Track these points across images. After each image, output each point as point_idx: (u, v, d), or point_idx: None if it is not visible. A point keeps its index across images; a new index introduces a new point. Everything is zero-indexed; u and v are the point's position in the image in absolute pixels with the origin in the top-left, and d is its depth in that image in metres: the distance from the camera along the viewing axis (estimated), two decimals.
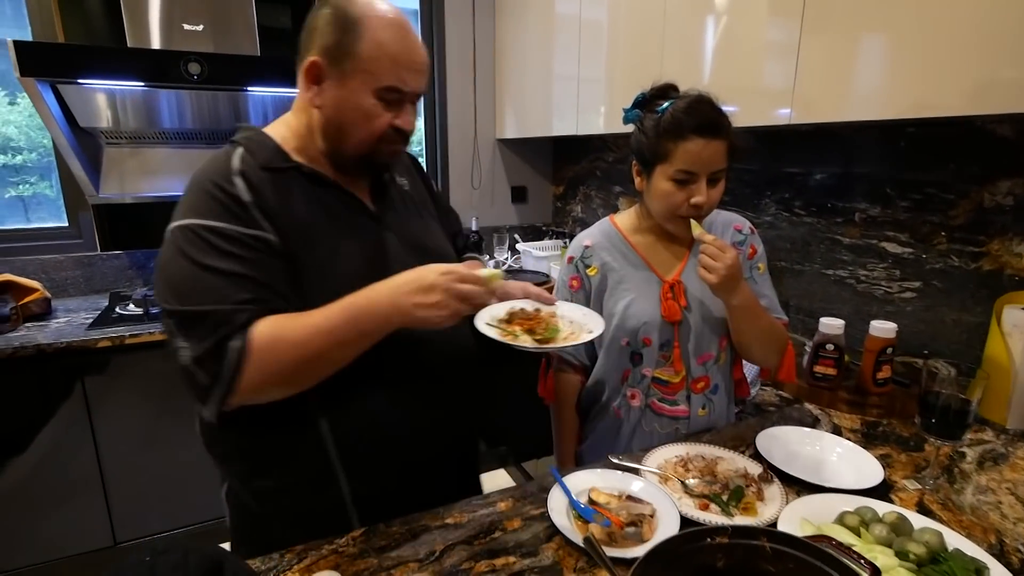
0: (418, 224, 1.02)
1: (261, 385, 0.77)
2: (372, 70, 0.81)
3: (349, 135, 0.86)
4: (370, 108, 0.83)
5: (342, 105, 0.84)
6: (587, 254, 1.19)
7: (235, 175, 0.81)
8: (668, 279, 1.14)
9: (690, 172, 1.02)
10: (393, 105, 0.85)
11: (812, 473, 0.96)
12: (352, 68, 0.82)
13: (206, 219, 0.78)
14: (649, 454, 1.02)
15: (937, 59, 1.08)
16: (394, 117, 0.85)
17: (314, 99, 0.85)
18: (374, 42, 0.81)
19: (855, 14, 1.21)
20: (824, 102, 1.30)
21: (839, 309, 1.65)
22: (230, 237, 0.77)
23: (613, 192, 2.62)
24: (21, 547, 1.80)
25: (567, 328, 0.95)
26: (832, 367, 1.31)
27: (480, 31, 2.74)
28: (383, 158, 0.90)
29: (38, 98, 1.60)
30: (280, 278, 0.81)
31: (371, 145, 0.86)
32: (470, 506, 0.90)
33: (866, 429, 1.19)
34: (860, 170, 1.57)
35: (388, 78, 0.82)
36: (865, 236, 1.57)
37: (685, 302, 1.13)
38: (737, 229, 1.18)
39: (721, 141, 1.01)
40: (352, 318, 0.78)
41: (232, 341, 0.74)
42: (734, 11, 1.51)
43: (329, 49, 0.82)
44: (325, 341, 0.78)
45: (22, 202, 2.29)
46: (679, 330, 1.13)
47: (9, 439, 1.72)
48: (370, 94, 0.83)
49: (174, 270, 0.77)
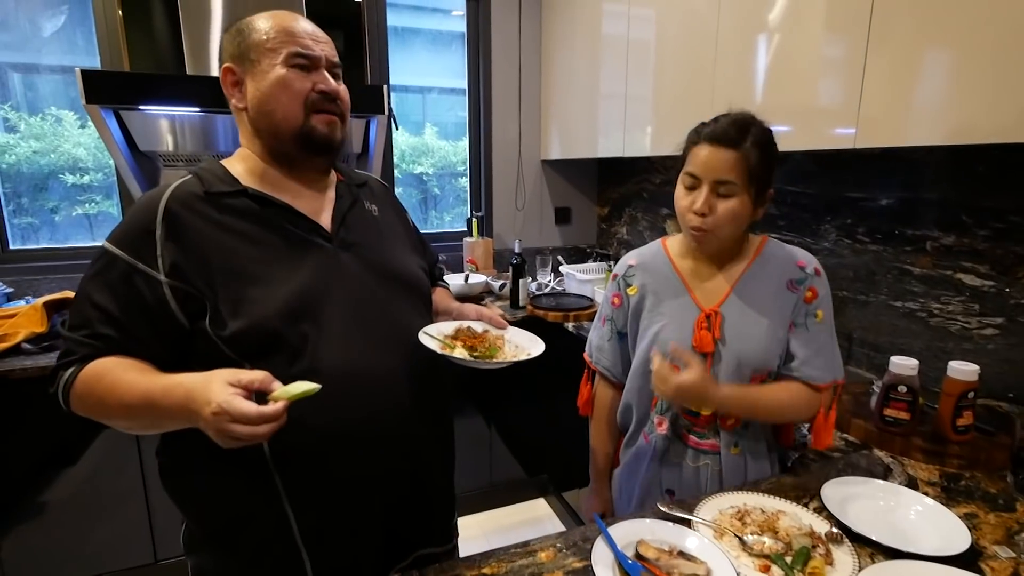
0: (387, 248, 1.00)
1: (85, 412, 0.82)
2: (273, 47, 0.86)
3: (276, 110, 0.87)
4: (285, 75, 0.86)
5: (261, 88, 0.87)
6: (630, 273, 1.18)
7: (160, 206, 0.83)
8: (707, 308, 1.08)
9: (695, 176, 1.01)
10: (308, 71, 0.88)
11: (888, 534, 0.86)
12: (256, 56, 0.86)
13: (115, 245, 0.82)
14: (702, 503, 0.95)
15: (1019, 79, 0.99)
16: (314, 82, 0.88)
17: (238, 103, 0.89)
18: (267, 26, 0.87)
19: (925, 28, 1.13)
20: (890, 123, 1.22)
21: (909, 344, 1.52)
22: (122, 269, 0.80)
23: (660, 214, 2.54)
24: (66, 561, 1.83)
25: (510, 351, 1.01)
26: (905, 411, 1.20)
27: (526, 53, 2.74)
28: (322, 128, 0.89)
29: (101, 124, 1.67)
30: (146, 325, 0.81)
31: (300, 114, 0.87)
32: (508, 555, 0.85)
33: (946, 482, 1.07)
34: (931, 195, 1.45)
35: (291, 45, 0.86)
36: (938, 266, 1.45)
37: (719, 334, 1.07)
38: (799, 266, 1.09)
39: (731, 152, 0.98)
40: (150, 401, 0.75)
41: (66, 371, 0.81)
42: (789, 27, 1.44)
43: (233, 54, 0.88)
44: (122, 411, 0.79)
45: (88, 220, 2.40)
46: (711, 361, 1.07)
47: (60, 453, 1.77)
48: (281, 65, 0.86)
49: (80, 281, 0.84)
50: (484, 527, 2.38)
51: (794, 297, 1.07)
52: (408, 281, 1.00)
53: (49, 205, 2.31)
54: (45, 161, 2.25)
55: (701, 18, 1.72)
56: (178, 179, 0.87)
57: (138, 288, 0.80)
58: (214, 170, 0.89)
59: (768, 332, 1.06)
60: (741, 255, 1.11)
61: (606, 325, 1.22)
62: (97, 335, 0.80)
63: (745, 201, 1.01)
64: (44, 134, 2.24)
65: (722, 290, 1.10)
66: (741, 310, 1.07)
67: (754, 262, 1.10)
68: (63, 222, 2.34)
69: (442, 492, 1.07)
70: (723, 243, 1.07)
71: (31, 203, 2.28)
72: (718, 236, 1.04)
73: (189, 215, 0.83)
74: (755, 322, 1.06)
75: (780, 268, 1.09)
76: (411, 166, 2.86)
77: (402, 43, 2.70)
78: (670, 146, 1.91)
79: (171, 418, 0.75)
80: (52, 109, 2.23)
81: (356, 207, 0.99)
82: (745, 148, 0.98)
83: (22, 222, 2.29)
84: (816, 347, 1.07)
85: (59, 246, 2.31)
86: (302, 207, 0.91)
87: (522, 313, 2.27)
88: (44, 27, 2.14)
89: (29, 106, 2.21)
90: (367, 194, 1.05)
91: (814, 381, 1.06)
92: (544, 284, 2.67)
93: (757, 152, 0.99)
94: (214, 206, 0.85)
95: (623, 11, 2.11)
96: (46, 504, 1.78)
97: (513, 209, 2.88)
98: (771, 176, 1.04)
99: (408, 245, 1.08)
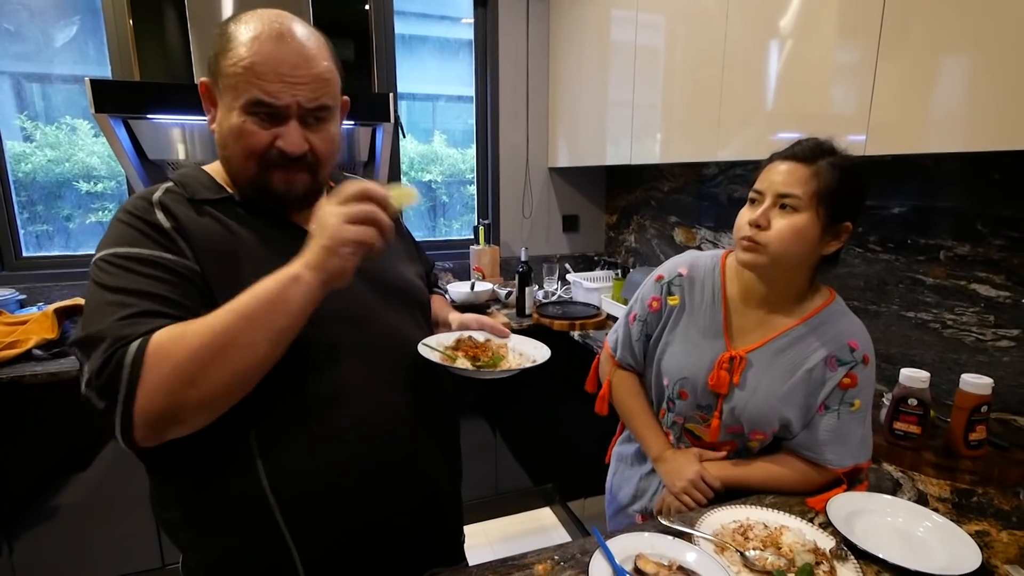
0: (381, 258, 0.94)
1: (167, 393, 0.64)
2: (235, 84, 0.74)
3: (230, 158, 0.79)
4: (240, 126, 0.75)
5: (221, 125, 0.78)
6: (677, 282, 1.10)
7: (155, 206, 0.76)
8: (734, 350, 1.02)
9: (759, 191, 0.96)
10: (269, 121, 0.76)
11: (895, 551, 0.84)
12: (224, 85, 0.76)
13: (121, 247, 0.72)
14: (704, 517, 0.93)
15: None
16: (274, 137, 0.76)
17: (211, 122, 0.81)
18: (237, 56, 0.74)
19: (937, 34, 1.11)
20: (902, 130, 1.19)
21: (921, 355, 1.49)
22: (146, 260, 0.71)
23: (668, 222, 2.52)
24: (75, 564, 1.85)
25: (515, 359, 0.97)
26: (915, 424, 1.17)
27: (534, 60, 2.74)
28: (279, 186, 0.79)
29: (111, 132, 1.70)
30: (198, 299, 0.72)
31: (254, 169, 0.78)
32: (505, 567, 0.83)
33: (957, 498, 1.04)
34: (945, 204, 1.43)
35: (251, 90, 0.74)
36: (952, 276, 1.41)
37: (739, 380, 1.02)
38: (850, 346, 0.98)
39: (801, 166, 0.92)
40: (256, 289, 0.68)
41: (127, 348, 0.64)
42: (800, 33, 1.42)
43: (211, 69, 0.78)
44: (232, 318, 0.66)
45: (101, 227, 2.44)
46: (723, 402, 1.04)
47: (70, 458, 1.79)
48: (238, 111, 0.75)
49: (87, 301, 0.71)
50: (489, 536, 2.36)
51: (829, 376, 0.99)
52: (406, 292, 0.96)
53: (64, 213, 2.35)
54: (60, 169, 2.29)
55: (711, 24, 1.71)
56: (152, 188, 0.80)
57: (176, 272, 0.72)
58: (197, 176, 0.82)
59: (784, 400, 1.00)
60: (798, 307, 1.02)
61: (636, 325, 1.14)
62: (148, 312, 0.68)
63: (810, 221, 0.91)
64: (59, 143, 2.28)
65: (760, 335, 1.02)
66: (769, 365, 1.01)
67: (808, 320, 1.00)
68: (77, 229, 2.38)
69: (450, 513, 1.00)
70: (776, 274, 0.98)
71: (46, 211, 2.32)
72: (771, 255, 0.93)
73: (183, 215, 0.77)
74: (777, 384, 1.00)
75: (830, 339, 0.99)
76: (420, 174, 2.87)
77: (410, 51, 2.71)
78: (679, 153, 1.92)
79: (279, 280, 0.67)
80: (67, 118, 2.27)
81: None
82: (819, 165, 0.91)
83: (38, 229, 2.32)
84: (843, 434, 1.00)
85: (71, 253, 2.34)
86: (292, 215, 0.85)
87: (528, 321, 2.26)
88: (56, 37, 2.17)
89: (44, 116, 2.25)
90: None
91: (830, 465, 1.01)
92: (551, 292, 2.66)
93: (834, 173, 0.90)
94: (200, 211, 0.78)
95: (631, 17, 2.10)
96: (57, 508, 1.79)
97: (520, 217, 2.87)
98: (852, 206, 0.94)
99: (405, 253, 1.04)
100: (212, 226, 0.78)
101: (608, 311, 2.31)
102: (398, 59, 2.60)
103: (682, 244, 2.43)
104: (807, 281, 1.02)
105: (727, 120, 1.67)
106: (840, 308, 1.03)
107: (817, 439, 1.01)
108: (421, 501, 0.90)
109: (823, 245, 0.95)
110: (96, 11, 2.14)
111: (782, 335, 1.01)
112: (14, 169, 2.22)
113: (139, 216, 0.75)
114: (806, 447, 1.02)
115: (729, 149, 1.67)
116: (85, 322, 0.69)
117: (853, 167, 0.94)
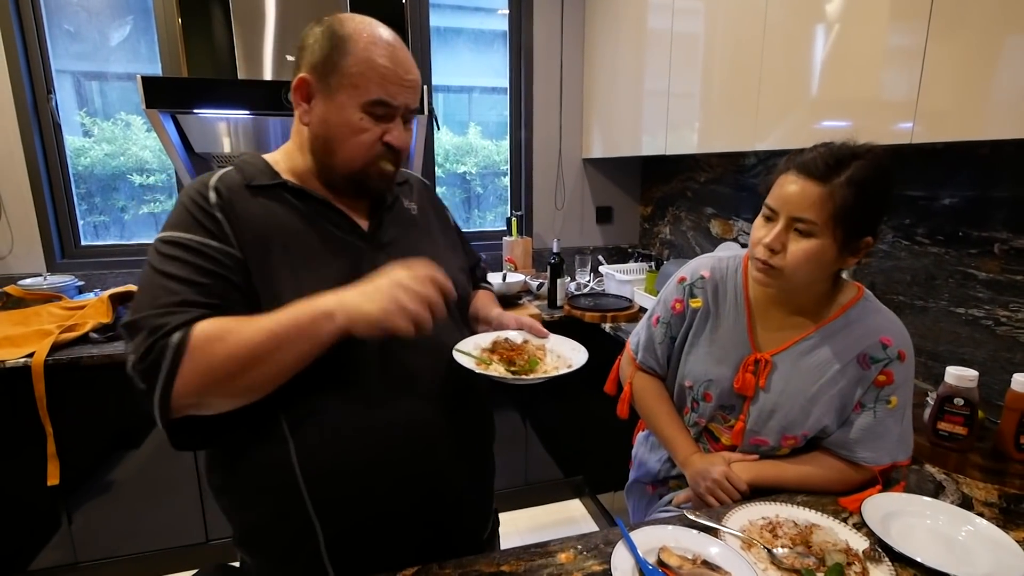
0: (424, 249, 0.95)
1: (199, 386, 0.71)
2: (358, 84, 0.81)
3: (336, 151, 0.84)
4: (357, 123, 0.82)
5: (330, 120, 0.83)
6: (700, 284, 1.08)
7: (210, 189, 0.82)
8: (759, 353, 1.00)
9: (772, 209, 0.92)
10: (382, 120, 0.84)
11: (933, 555, 0.81)
12: (338, 83, 0.81)
13: (176, 231, 0.78)
14: (731, 512, 0.91)
15: None
16: (384, 132, 0.84)
17: (303, 116, 0.85)
18: (361, 57, 0.81)
19: (996, 13, 1.04)
20: (957, 116, 1.12)
21: (972, 353, 1.42)
22: (192, 248, 0.77)
23: (704, 214, 2.47)
24: (127, 536, 1.97)
25: (552, 361, 0.93)
26: (961, 425, 1.12)
27: (568, 50, 2.72)
28: (374, 180, 0.87)
29: (160, 127, 1.78)
30: (235, 296, 0.78)
31: (360, 162, 0.85)
32: (528, 554, 0.84)
33: (1006, 504, 0.99)
34: (1000, 194, 1.35)
35: (375, 91, 0.81)
36: (1007, 271, 1.34)
37: (764, 383, 0.99)
38: (883, 343, 0.95)
39: (816, 186, 0.86)
40: (294, 312, 0.73)
41: (169, 338, 0.70)
42: (848, 16, 1.36)
43: (317, 66, 0.82)
44: (265, 337, 0.71)
45: (153, 218, 2.56)
46: (749, 406, 1.01)
47: (124, 434, 1.89)
48: (357, 108, 0.82)
49: (139, 283, 0.78)
50: (519, 525, 2.38)
51: (863, 375, 0.96)
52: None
53: (119, 204, 2.47)
54: (115, 163, 2.41)
55: (751, 9, 1.66)
56: (218, 170, 0.86)
57: (219, 261, 0.78)
58: (255, 163, 0.88)
59: (814, 401, 0.97)
60: (823, 307, 0.99)
61: (659, 327, 1.13)
62: (191, 303, 0.74)
63: (827, 246, 0.88)
64: (115, 138, 2.40)
65: (785, 337, 1.00)
66: (795, 367, 0.99)
67: (834, 320, 0.98)
68: (131, 220, 2.50)
69: (476, 505, 1.01)
70: (795, 288, 0.95)
71: (103, 202, 2.45)
72: (787, 278, 0.92)
73: (236, 200, 0.82)
74: (805, 386, 0.98)
75: (860, 336, 0.96)
76: (455, 166, 2.89)
77: (444, 43, 2.73)
78: (717, 143, 1.88)
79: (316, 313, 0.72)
80: (122, 114, 2.38)
81: (395, 206, 0.97)
82: (834, 184, 0.86)
83: (95, 220, 2.45)
84: (879, 432, 0.97)
85: (125, 242, 2.47)
86: (340, 204, 0.89)
87: (559, 313, 2.26)
88: (111, 37, 2.29)
89: (102, 112, 2.37)
90: (407, 192, 1.03)
91: (866, 463, 0.98)
92: (583, 284, 2.64)
93: (851, 191, 0.85)
94: (254, 197, 0.84)
95: (669, 4, 2.05)
96: (111, 483, 1.91)
97: (552, 208, 2.87)
98: (871, 222, 0.90)
99: (447, 246, 1.05)
100: (259, 211, 0.83)
101: (641, 303, 2.29)
102: (433, 51, 2.62)
103: (719, 236, 2.38)
104: (830, 284, 0.99)
105: (768, 108, 1.61)
106: (870, 304, 0.99)
107: (852, 437, 0.98)
108: (446, 492, 0.92)
109: (841, 262, 0.92)
110: (148, 11, 2.23)
111: (807, 337, 0.99)
112: (75, 163, 2.35)
113: (195, 200, 0.81)
114: (841, 445, 1.00)
115: (770, 139, 1.62)
116: (134, 303, 0.76)
117: (872, 179, 0.87)
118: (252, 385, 0.74)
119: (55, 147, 2.25)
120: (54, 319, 1.87)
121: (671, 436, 1.12)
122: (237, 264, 0.79)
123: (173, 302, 0.73)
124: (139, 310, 0.74)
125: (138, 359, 0.71)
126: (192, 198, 0.81)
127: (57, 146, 2.26)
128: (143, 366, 0.70)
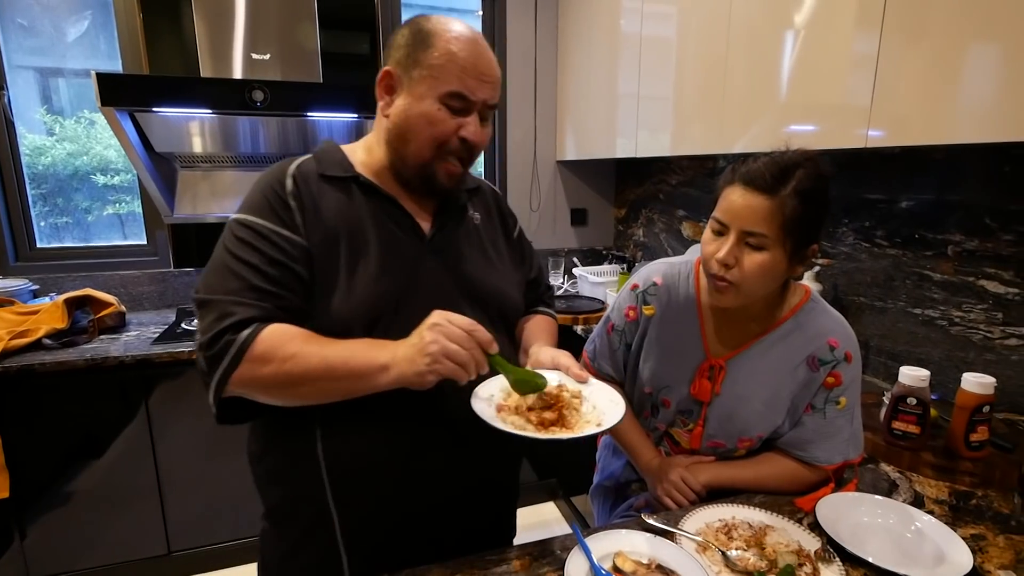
0: (479, 260, 0.96)
1: (250, 387, 0.78)
2: (438, 75, 0.82)
3: (410, 141, 0.85)
4: (434, 113, 0.83)
5: (408, 110, 0.84)
6: (652, 291, 1.08)
7: (288, 176, 0.85)
8: (714, 358, 1.01)
9: (722, 223, 0.91)
10: (459, 114, 0.85)
11: (883, 554, 0.82)
12: (420, 75, 0.83)
13: (251, 215, 0.82)
14: (688, 515, 0.92)
15: None
16: (459, 127, 0.85)
17: (384, 108, 0.88)
18: (443, 50, 0.82)
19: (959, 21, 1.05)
20: (921, 121, 1.13)
21: (928, 352, 1.45)
22: (264, 235, 0.81)
23: (676, 216, 2.49)
24: (84, 549, 1.89)
25: (588, 413, 0.81)
26: (914, 424, 1.14)
27: (542, 53, 2.72)
28: (441, 176, 0.88)
29: (117, 126, 1.72)
30: (297, 287, 0.82)
31: (430, 154, 0.85)
32: (482, 561, 0.83)
33: (955, 501, 1.02)
34: (954, 197, 1.38)
35: (453, 83, 0.82)
36: (960, 272, 1.37)
37: (720, 388, 1.01)
38: (830, 345, 0.96)
39: (764, 199, 0.86)
40: (351, 352, 0.77)
41: (236, 334, 0.76)
42: (814, 22, 1.38)
43: (401, 60, 0.85)
44: (322, 369, 0.76)
45: (119, 219, 2.49)
46: (706, 410, 1.03)
47: (80, 445, 1.83)
48: (435, 99, 0.83)
49: (213, 258, 0.83)
50: None
51: (812, 376, 0.97)
52: (491, 299, 0.95)
53: (82, 205, 2.40)
54: (78, 162, 2.34)
55: (721, 14, 1.67)
56: (295, 157, 0.89)
57: (285, 251, 0.81)
58: (332, 154, 0.91)
59: (768, 403, 0.99)
60: (773, 310, 1.00)
61: (614, 335, 1.14)
62: (254, 295, 0.78)
63: (778, 256, 0.88)
64: (78, 136, 2.33)
65: (737, 342, 1.01)
66: (749, 371, 1.00)
67: (783, 324, 0.99)
68: (95, 221, 2.43)
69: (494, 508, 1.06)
70: (749, 299, 0.95)
71: (65, 203, 2.37)
72: (743, 292, 0.92)
73: (311, 190, 0.85)
74: (758, 389, 0.99)
75: (809, 339, 0.98)
76: None
77: None
78: (690, 146, 1.89)
79: (371, 362, 0.76)
80: (85, 112, 2.31)
81: (461, 212, 0.97)
82: (782, 196, 0.85)
83: (57, 221, 2.38)
84: (830, 432, 0.98)
85: (82, 244, 2.39)
86: (407, 204, 0.91)
87: None
88: (68, 32, 2.22)
89: (67, 109, 2.30)
90: (477, 200, 1.02)
91: (819, 462, 0.99)
92: (556, 286, 2.65)
93: (797, 202, 0.85)
94: (328, 188, 0.86)
95: (639, 8, 2.07)
96: (68, 495, 1.84)
97: (527, 210, 2.86)
98: (815, 230, 0.90)
99: (506, 258, 1.03)
100: (330, 203, 0.86)
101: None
102: None
103: (690, 238, 2.40)
104: (779, 289, 0.99)
105: (738, 112, 1.63)
106: (816, 305, 1.01)
107: (805, 437, 1.00)
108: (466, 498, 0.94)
109: (791, 271, 0.93)
110: (107, 5, 2.17)
111: (758, 341, 1.00)
112: (35, 162, 2.27)
113: (272, 186, 0.85)
114: (794, 445, 1.01)
115: (741, 142, 1.63)
116: (206, 277, 0.82)
117: (816, 188, 0.87)
118: (298, 399, 0.81)
119: (7, 145, 2.17)
120: (4, 324, 1.79)
121: (631, 441, 1.12)
122: (303, 254, 0.82)
123: (242, 287, 0.78)
124: (210, 289, 0.80)
125: (205, 344, 0.77)
126: (270, 183, 0.84)
127: (10, 144, 2.18)
128: (208, 354, 0.77)
